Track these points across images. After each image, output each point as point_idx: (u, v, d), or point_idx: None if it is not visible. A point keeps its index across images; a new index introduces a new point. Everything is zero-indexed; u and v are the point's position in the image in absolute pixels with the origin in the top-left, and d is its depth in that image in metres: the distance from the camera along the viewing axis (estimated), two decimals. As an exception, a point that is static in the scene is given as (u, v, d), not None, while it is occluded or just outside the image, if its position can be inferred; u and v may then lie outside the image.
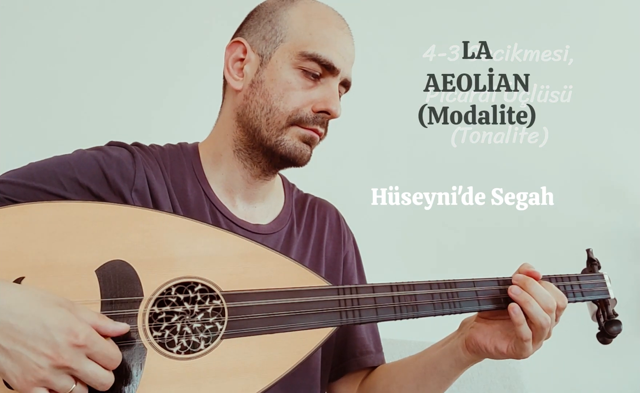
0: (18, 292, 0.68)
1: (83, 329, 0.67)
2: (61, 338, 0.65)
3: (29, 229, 0.75)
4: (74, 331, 0.66)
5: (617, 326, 0.95)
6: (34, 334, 0.65)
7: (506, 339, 0.90)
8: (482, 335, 0.92)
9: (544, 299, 0.86)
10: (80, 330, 0.66)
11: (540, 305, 0.86)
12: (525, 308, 0.86)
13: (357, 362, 1.09)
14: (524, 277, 0.89)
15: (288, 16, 0.96)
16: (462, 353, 0.94)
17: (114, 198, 0.90)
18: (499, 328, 0.91)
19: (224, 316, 0.78)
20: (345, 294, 0.85)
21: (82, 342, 0.66)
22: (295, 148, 0.96)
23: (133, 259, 0.77)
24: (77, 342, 0.66)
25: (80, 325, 0.67)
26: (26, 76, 1.90)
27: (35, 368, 0.64)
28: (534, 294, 0.86)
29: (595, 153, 2.01)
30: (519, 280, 0.89)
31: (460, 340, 0.95)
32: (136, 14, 1.95)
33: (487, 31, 1.99)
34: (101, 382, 0.68)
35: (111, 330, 0.70)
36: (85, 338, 0.66)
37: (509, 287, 0.89)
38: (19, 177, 0.87)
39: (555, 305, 0.87)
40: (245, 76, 0.97)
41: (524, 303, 0.86)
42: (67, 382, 0.66)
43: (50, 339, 0.65)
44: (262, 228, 1.02)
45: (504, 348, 0.90)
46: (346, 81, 0.99)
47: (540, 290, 0.87)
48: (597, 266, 1.01)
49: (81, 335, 0.66)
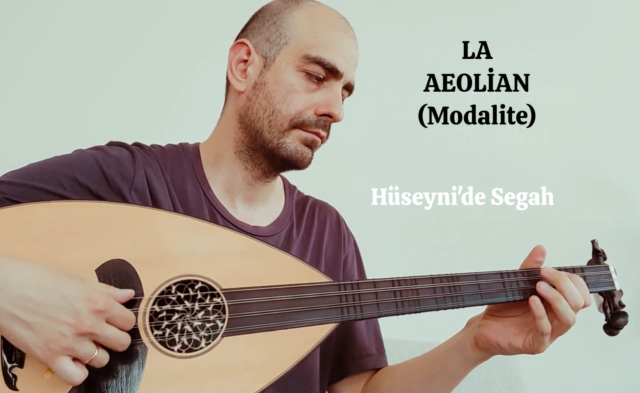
0: (31, 266, 0.70)
1: (101, 295, 0.70)
2: (81, 306, 0.68)
3: (29, 229, 0.75)
4: (93, 298, 0.69)
5: (624, 318, 0.94)
6: (54, 304, 0.67)
7: (521, 334, 0.89)
8: (494, 332, 0.90)
9: (574, 297, 0.85)
10: (98, 296, 0.69)
11: (569, 303, 0.85)
12: (555, 305, 0.85)
13: (357, 365, 1.09)
14: (555, 272, 0.88)
15: (293, 18, 0.96)
16: (471, 351, 0.93)
17: (114, 198, 0.90)
18: (511, 324, 0.90)
19: (224, 314, 0.78)
20: (347, 289, 0.84)
21: (103, 307, 0.69)
22: (297, 150, 0.95)
23: (133, 258, 0.77)
24: (98, 308, 0.69)
25: (97, 292, 0.70)
26: (33, 77, 1.91)
27: (59, 337, 0.67)
28: (565, 292, 0.85)
29: (595, 153, 2.01)
30: (551, 274, 0.88)
31: (468, 338, 0.94)
32: (143, 16, 1.95)
33: (487, 31, 1.99)
34: (121, 343, 0.71)
35: (120, 297, 0.73)
36: (104, 304, 0.69)
37: (537, 284, 0.87)
38: (19, 177, 0.87)
39: (582, 303, 0.86)
40: (249, 78, 0.97)
41: (554, 300, 0.85)
42: (90, 348, 0.69)
43: (71, 308, 0.68)
44: (261, 230, 1.01)
45: (520, 344, 0.89)
46: (349, 84, 0.99)
47: (571, 288, 0.86)
48: (603, 258, 1.00)
49: (100, 301, 0.69)
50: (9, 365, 0.70)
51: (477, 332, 0.92)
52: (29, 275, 0.68)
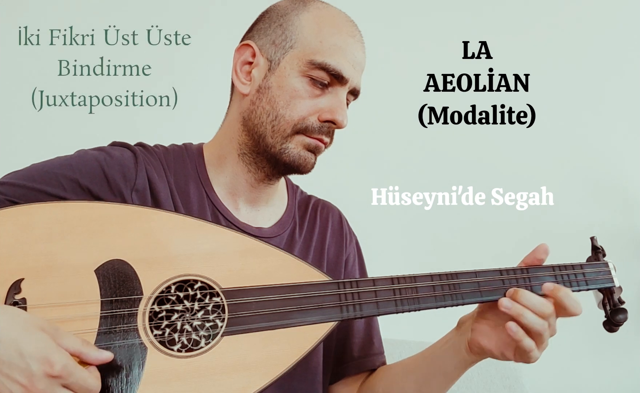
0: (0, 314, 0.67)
1: (60, 359, 0.65)
2: (36, 367, 0.64)
3: (28, 230, 0.75)
4: (50, 360, 0.64)
5: (623, 315, 0.94)
6: (9, 361, 0.64)
7: (511, 346, 0.87)
8: (487, 340, 0.89)
9: (538, 306, 0.84)
10: (56, 360, 0.65)
11: (535, 313, 0.83)
12: (520, 321, 0.83)
13: (356, 366, 1.09)
14: (513, 289, 0.86)
15: (299, 21, 0.95)
16: (466, 354, 0.93)
17: (114, 199, 0.90)
18: (503, 331, 0.88)
19: (224, 313, 0.78)
20: (346, 288, 0.84)
21: (58, 373, 0.64)
22: (300, 156, 0.95)
23: (132, 258, 0.77)
24: (52, 372, 0.64)
25: (57, 354, 0.65)
26: (32, 77, 1.91)
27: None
28: (526, 304, 0.84)
29: (595, 153, 2.01)
30: (509, 292, 0.87)
31: (462, 341, 0.93)
32: (148, 15, 1.96)
33: (487, 31, 1.99)
34: None
35: (93, 358, 0.69)
36: (61, 369, 0.65)
37: (498, 301, 0.86)
38: (20, 178, 0.87)
39: (551, 309, 0.84)
40: (253, 80, 0.96)
41: (517, 316, 0.83)
42: None
43: (25, 367, 0.64)
44: (264, 232, 1.01)
45: (511, 356, 0.88)
46: (355, 89, 0.98)
47: (531, 299, 0.84)
48: (602, 254, 1.00)
49: (57, 365, 0.65)
50: None
51: (470, 338, 0.91)
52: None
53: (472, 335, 0.91)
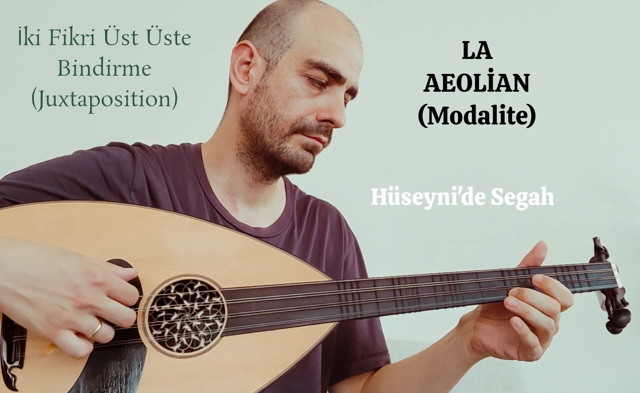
0: (27, 244, 0.71)
1: (99, 269, 0.69)
2: (80, 279, 0.68)
3: (28, 230, 0.75)
4: (90, 271, 0.69)
5: (626, 316, 0.94)
6: (52, 279, 0.67)
7: (514, 344, 0.88)
8: (490, 339, 0.90)
9: (545, 304, 0.84)
10: (96, 269, 0.69)
11: (542, 311, 0.84)
12: (526, 318, 0.83)
13: (359, 366, 1.09)
14: (518, 288, 0.87)
15: (297, 21, 0.95)
16: (468, 353, 0.93)
17: (113, 198, 0.90)
18: (505, 329, 0.89)
19: (223, 313, 0.78)
20: (346, 288, 0.84)
21: (101, 280, 0.69)
22: (298, 155, 0.95)
23: (132, 258, 0.77)
24: (96, 280, 0.68)
25: (95, 266, 0.70)
26: (32, 77, 1.91)
27: (59, 311, 0.67)
28: (533, 302, 0.84)
29: (595, 153, 2.01)
30: (513, 292, 0.87)
31: (464, 340, 0.93)
32: (147, 15, 1.96)
33: (487, 31, 1.99)
34: (124, 318, 0.71)
35: (122, 273, 0.73)
36: (103, 276, 0.69)
37: (504, 300, 0.86)
38: (19, 178, 0.87)
39: (558, 307, 0.85)
40: (251, 80, 0.96)
41: (523, 314, 0.84)
42: (92, 322, 0.69)
43: (69, 282, 0.68)
44: (262, 232, 1.01)
45: (514, 354, 0.88)
46: (353, 88, 0.98)
47: (537, 297, 0.85)
48: (605, 255, 0.99)
49: (99, 273, 0.69)
50: (8, 365, 0.70)
51: (472, 336, 0.92)
52: (26, 253, 0.69)
53: (474, 334, 0.91)
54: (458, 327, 0.98)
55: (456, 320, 1.00)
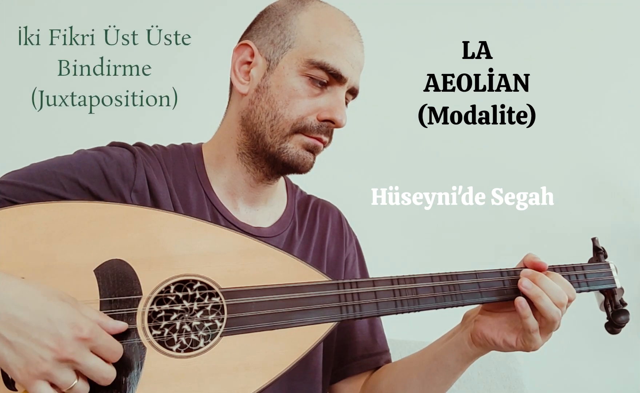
0: (22, 285, 0.68)
1: (87, 323, 0.67)
2: (65, 332, 0.66)
3: (27, 230, 0.75)
4: (78, 324, 0.67)
5: (625, 316, 0.94)
6: (38, 326, 0.65)
7: (514, 332, 0.89)
8: (489, 328, 0.91)
9: (556, 294, 0.85)
10: (84, 323, 0.67)
11: (552, 300, 0.85)
12: (537, 302, 0.85)
13: (359, 365, 1.09)
14: (533, 272, 0.88)
15: (297, 21, 0.95)
16: (468, 346, 0.93)
17: (114, 199, 0.90)
18: (505, 320, 0.90)
19: (223, 313, 0.78)
20: (346, 288, 0.84)
21: (87, 335, 0.67)
22: (298, 155, 0.95)
23: (131, 258, 0.77)
24: (82, 335, 0.66)
25: (84, 319, 0.68)
26: (32, 77, 1.91)
27: (39, 361, 0.65)
28: (545, 289, 0.85)
29: (595, 153, 2.01)
30: (528, 274, 0.88)
31: (465, 334, 0.94)
32: (147, 14, 1.96)
33: (487, 31, 1.98)
34: (103, 376, 0.69)
35: (111, 328, 0.71)
36: (89, 332, 0.67)
37: (519, 281, 0.87)
38: (19, 178, 0.87)
39: (566, 299, 0.86)
40: (252, 80, 0.96)
41: (535, 297, 0.85)
42: (68, 377, 0.67)
43: (55, 332, 0.66)
44: (263, 231, 1.01)
45: (513, 341, 0.89)
46: (354, 88, 0.98)
47: (551, 285, 0.86)
48: (604, 255, 1.00)
49: (85, 328, 0.67)
50: None
51: (473, 328, 0.93)
52: (19, 294, 0.67)
53: (474, 326, 0.92)
54: (461, 323, 0.99)
55: (456, 321, 1.00)
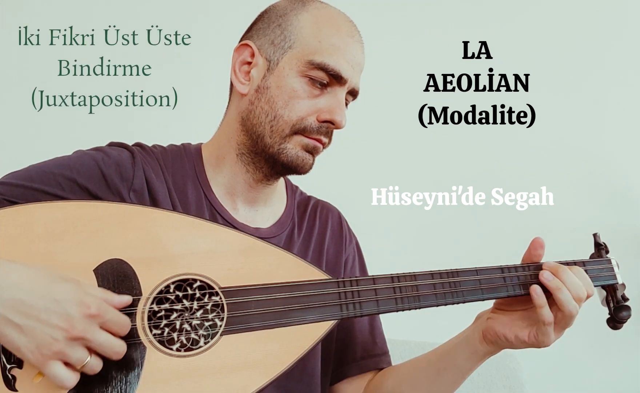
0: (25, 269, 0.69)
1: (94, 300, 0.69)
2: (74, 310, 0.67)
3: (26, 230, 0.75)
4: (85, 302, 0.68)
5: (627, 312, 0.94)
6: (46, 308, 0.66)
7: (527, 327, 0.89)
8: (501, 325, 0.91)
9: (576, 288, 0.85)
10: (91, 301, 0.68)
11: (571, 294, 0.85)
12: (556, 294, 0.85)
13: (359, 366, 1.09)
14: (556, 264, 0.88)
15: (298, 21, 0.95)
16: (479, 344, 0.94)
17: (112, 199, 0.90)
18: (518, 317, 0.90)
19: (223, 312, 0.78)
20: (345, 286, 0.84)
21: (95, 312, 0.68)
22: (298, 156, 0.95)
23: (131, 257, 0.77)
24: (90, 312, 0.68)
25: (90, 296, 0.69)
26: (32, 77, 1.91)
27: (50, 341, 0.66)
28: (566, 282, 0.85)
29: (595, 153, 2.01)
30: (551, 266, 0.88)
31: (477, 332, 0.94)
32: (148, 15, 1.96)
33: (487, 31, 1.98)
34: (115, 350, 0.70)
35: (117, 303, 0.72)
36: (97, 308, 0.68)
37: (540, 273, 0.87)
38: (18, 178, 0.88)
39: (585, 294, 0.86)
40: (252, 80, 0.96)
41: (555, 289, 0.85)
42: (81, 353, 0.68)
43: (63, 311, 0.67)
44: (262, 232, 1.01)
45: (525, 337, 0.89)
46: (354, 89, 0.98)
47: (572, 278, 0.86)
48: (605, 251, 1.00)
49: (93, 305, 0.68)
50: (8, 366, 0.70)
51: (485, 325, 0.93)
52: (22, 278, 0.68)
53: (487, 324, 0.93)
54: (473, 323, 0.99)
55: (457, 321, 1.00)
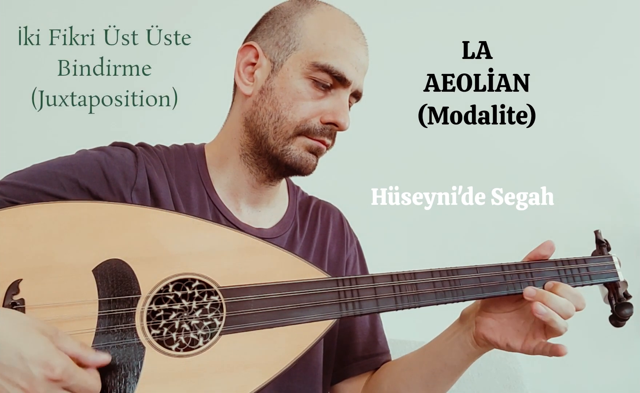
0: (1, 318, 0.67)
1: (60, 363, 0.65)
2: (37, 371, 0.64)
3: (26, 230, 0.75)
4: (50, 364, 0.65)
5: (629, 309, 0.93)
6: (10, 365, 0.64)
7: (519, 336, 0.89)
8: (491, 332, 0.91)
9: (565, 310, 0.85)
10: (57, 363, 0.65)
11: (562, 316, 0.85)
12: (551, 326, 0.85)
13: (360, 366, 1.09)
14: (541, 292, 0.86)
15: (303, 23, 0.95)
16: (473, 348, 0.94)
17: (114, 199, 0.90)
18: (507, 321, 0.90)
19: (222, 312, 0.78)
20: (345, 285, 0.84)
21: (58, 376, 0.65)
22: (301, 158, 0.95)
23: (130, 257, 0.77)
24: (53, 376, 0.64)
25: (57, 358, 0.65)
26: (32, 77, 1.91)
27: None
28: (554, 308, 0.85)
29: (595, 153, 2.01)
30: (538, 297, 0.86)
31: (468, 336, 0.94)
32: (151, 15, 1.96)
33: (487, 31, 1.98)
34: None
35: (91, 361, 0.69)
36: (61, 373, 0.65)
37: (533, 307, 0.85)
38: (20, 178, 0.87)
39: (574, 310, 0.86)
40: (256, 81, 0.96)
41: (549, 322, 0.85)
42: None
43: (26, 371, 0.64)
44: (264, 232, 1.01)
45: (518, 346, 0.89)
46: (357, 92, 0.98)
47: (558, 302, 0.85)
48: (607, 248, 0.99)
49: (57, 369, 0.65)
50: None
51: (475, 332, 0.93)
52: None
53: (476, 329, 0.92)
54: (460, 322, 0.98)
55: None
